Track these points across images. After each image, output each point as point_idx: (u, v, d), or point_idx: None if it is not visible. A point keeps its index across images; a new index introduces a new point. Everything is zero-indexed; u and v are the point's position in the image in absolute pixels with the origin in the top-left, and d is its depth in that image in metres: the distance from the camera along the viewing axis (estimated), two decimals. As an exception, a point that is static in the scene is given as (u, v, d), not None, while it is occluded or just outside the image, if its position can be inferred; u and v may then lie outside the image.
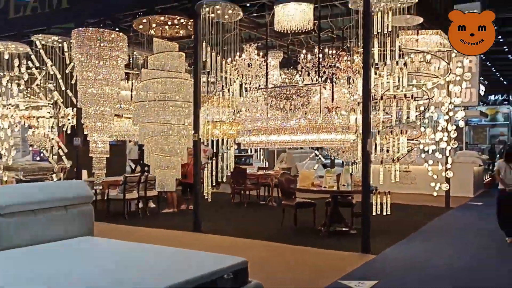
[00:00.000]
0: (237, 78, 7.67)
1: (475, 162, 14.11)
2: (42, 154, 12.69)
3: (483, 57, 32.73)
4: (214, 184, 8.05)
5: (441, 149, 10.53)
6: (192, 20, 8.23)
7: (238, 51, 8.62)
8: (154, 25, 8.31)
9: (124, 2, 9.13)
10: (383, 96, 8.11)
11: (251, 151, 13.70)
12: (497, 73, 39.79)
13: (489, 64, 35.90)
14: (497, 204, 7.83)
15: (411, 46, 8.84)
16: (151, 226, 8.88)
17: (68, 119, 11.13)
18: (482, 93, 30.06)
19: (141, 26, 8.61)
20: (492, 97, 31.64)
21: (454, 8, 13.87)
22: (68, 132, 11.34)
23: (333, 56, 7.62)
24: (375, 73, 8.11)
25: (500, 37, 27.08)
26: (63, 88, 10.54)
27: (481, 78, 41.20)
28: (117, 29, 9.63)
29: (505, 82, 42.56)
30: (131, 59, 10.94)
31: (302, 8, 7.12)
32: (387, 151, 7.81)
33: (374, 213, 7.44)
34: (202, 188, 8.58)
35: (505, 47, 29.27)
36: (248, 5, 8.21)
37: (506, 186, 7.65)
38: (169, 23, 8.16)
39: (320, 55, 7.66)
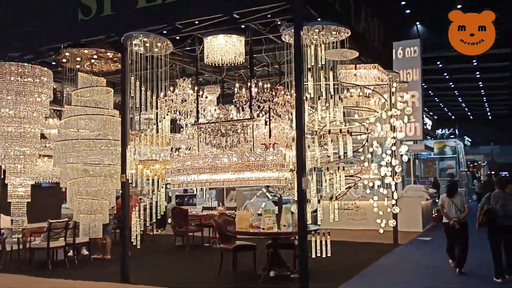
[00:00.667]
0: (167, 114, 7.18)
1: (423, 196, 14.07)
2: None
3: (431, 93, 34.09)
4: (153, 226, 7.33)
5: (386, 184, 10.32)
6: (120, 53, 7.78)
7: (172, 86, 8.19)
8: (79, 59, 7.78)
9: (51, 35, 8.59)
10: (320, 131, 7.86)
11: (197, 190, 13.06)
12: (445, 108, 41.47)
13: (437, 100, 37.39)
14: (446, 235, 8.55)
15: (349, 80, 8.71)
16: (75, 277, 8.04)
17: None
18: (429, 127, 31.02)
19: (64, 60, 8.07)
20: (439, 131, 32.68)
21: (394, 45, 14.19)
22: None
23: (268, 91, 7.30)
24: (312, 108, 7.87)
25: (445, 74, 28.25)
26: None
27: (431, 113, 42.87)
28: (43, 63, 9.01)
29: (453, 117, 44.39)
30: (60, 95, 10.29)
31: (233, 40, 6.81)
32: (330, 188, 7.45)
33: (314, 255, 6.97)
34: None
35: (451, 83, 30.52)
36: (177, 37, 7.85)
37: (450, 219, 8.19)
38: (95, 56, 7.66)
39: (255, 89, 7.32)
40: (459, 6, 18.63)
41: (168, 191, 13.96)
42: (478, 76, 28.34)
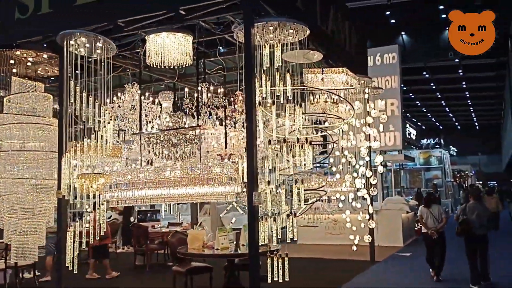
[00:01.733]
0: (109, 122, 6.42)
1: (403, 209, 13.37)
2: None
3: (418, 103, 33.76)
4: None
5: (360, 197, 9.61)
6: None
7: (121, 92, 7.44)
8: (12, 61, 7.00)
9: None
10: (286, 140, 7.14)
11: (162, 205, 12.24)
12: (432, 118, 41.16)
13: (424, 110, 37.07)
14: (425, 245, 8.81)
15: (316, 85, 8.04)
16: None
17: None
18: (413, 137, 30.51)
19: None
20: (424, 141, 32.20)
21: (369, 50, 13.58)
22: None
23: (221, 96, 6.58)
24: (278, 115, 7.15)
25: (432, 84, 27.87)
26: None
27: (419, 123, 42.42)
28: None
29: (441, 127, 44.11)
30: None
31: (178, 39, 6.10)
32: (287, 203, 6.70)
33: (271, 279, 6.19)
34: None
35: (437, 93, 30.14)
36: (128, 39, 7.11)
37: (428, 229, 8.52)
38: (30, 59, 6.90)
39: (207, 95, 6.60)
40: (443, 16, 18.25)
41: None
42: (464, 86, 28.07)
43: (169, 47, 5.99)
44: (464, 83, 27.48)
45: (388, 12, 18.52)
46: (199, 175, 5.73)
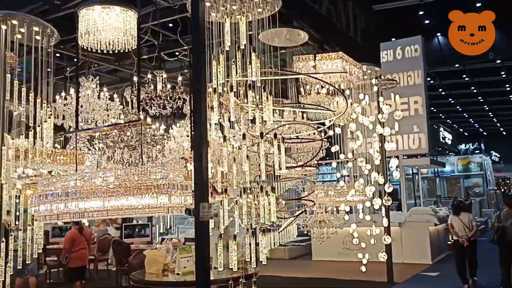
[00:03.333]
0: (49, 117, 5.36)
1: (430, 221, 11.68)
2: None
3: (460, 109, 31.48)
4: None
5: (368, 208, 8.11)
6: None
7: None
8: None
9: None
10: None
11: (151, 219, 11.05)
12: (475, 124, 38.53)
13: (466, 116, 34.67)
14: (455, 254, 8.77)
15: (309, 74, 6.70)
16: None
17: None
18: (449, 141, 28.24)
19: None
20: (463, 146, 29.82)
21: (388, 43, 12.07)
22: None
23: (179, 86, 5.37)
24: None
25: (473, 87, 25.82)
26: None
27: (461, 130, 39.79)
28: None
29: (484, 133, 41.27)
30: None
31: (119, 15, 4.94)
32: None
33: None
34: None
35: (479, 97, 27.96)
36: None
37: (459, 237, 8.42)
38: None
39: (162, 85, 5.39)
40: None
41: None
42: (508, 88, 25.93)
43: (105, 25, 4.83)
44: (507, 86, 25.30)
45: (421, 12, 16.98)
46: (137, 183, 4.50)
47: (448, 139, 27.24)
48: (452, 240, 13.72)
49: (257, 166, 5.35)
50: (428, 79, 23.07)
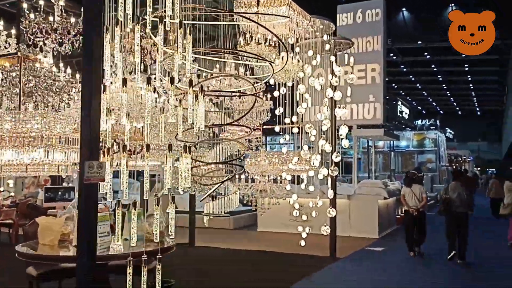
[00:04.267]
0: None
1: (380, 194, 11.23)
2: None
3: (419, 86, 31.37)
4: None
5: (310, 177, 7.43)
6: None
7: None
8: None
9: None
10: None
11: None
12: (433, 102, 38.79)
13: (425, 94, 34.73)
14: (405, 223, 9.18)
15: (252, 23, 5.81)
16: None
17: None
18: (406, 116, 28.20)
19: None
20: (419, 122, 29.88)
21: (349, 5, 11.27)
22: None
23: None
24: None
25: (433, 66, 25.59)
26: None
27: (419, 107, 40.00)
28: None
29: (441, 112, 41.76)
30: None
31: None
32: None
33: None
34: None
35: (439, 76, 27.84)
36: None
37: (410, 207, 8.79)
38: None
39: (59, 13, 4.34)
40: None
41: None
42: (467, 69, 25.89)
43: None
44: (466, 65, 25.23)
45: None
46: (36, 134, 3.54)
47: (406, 113, 27.15)
48: (403, 213, 13.52)
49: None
50: (391, 54, 22.70)
